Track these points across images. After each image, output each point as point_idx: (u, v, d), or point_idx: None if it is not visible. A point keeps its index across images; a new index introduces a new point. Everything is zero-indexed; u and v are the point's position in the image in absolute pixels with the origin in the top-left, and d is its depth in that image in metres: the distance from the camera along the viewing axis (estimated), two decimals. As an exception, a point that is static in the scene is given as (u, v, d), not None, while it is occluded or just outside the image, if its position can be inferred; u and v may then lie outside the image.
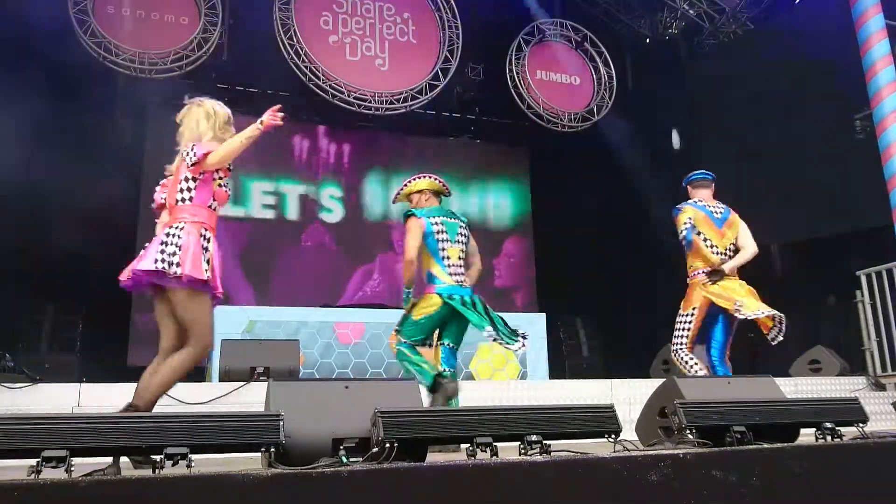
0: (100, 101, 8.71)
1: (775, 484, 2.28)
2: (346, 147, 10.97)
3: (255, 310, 7.35)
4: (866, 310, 6.68)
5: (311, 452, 2.11)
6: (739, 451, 2.37)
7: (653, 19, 11.56)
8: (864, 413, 2.81)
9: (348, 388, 2.42)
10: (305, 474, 1.83)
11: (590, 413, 2.43)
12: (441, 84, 10.10)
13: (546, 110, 10.76)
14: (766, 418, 2.66)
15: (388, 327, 7.24)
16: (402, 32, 10.30)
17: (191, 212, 3.13)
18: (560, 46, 11.29)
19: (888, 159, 7.27)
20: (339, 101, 9.61)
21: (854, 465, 2.52)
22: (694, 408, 2.56)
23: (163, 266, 2.98)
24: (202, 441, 1.96)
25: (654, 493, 2.10)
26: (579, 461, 2.10)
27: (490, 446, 2.15)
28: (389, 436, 2.06)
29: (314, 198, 10.67)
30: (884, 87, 7.40)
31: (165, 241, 3.04)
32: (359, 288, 10.55)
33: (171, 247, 3.02)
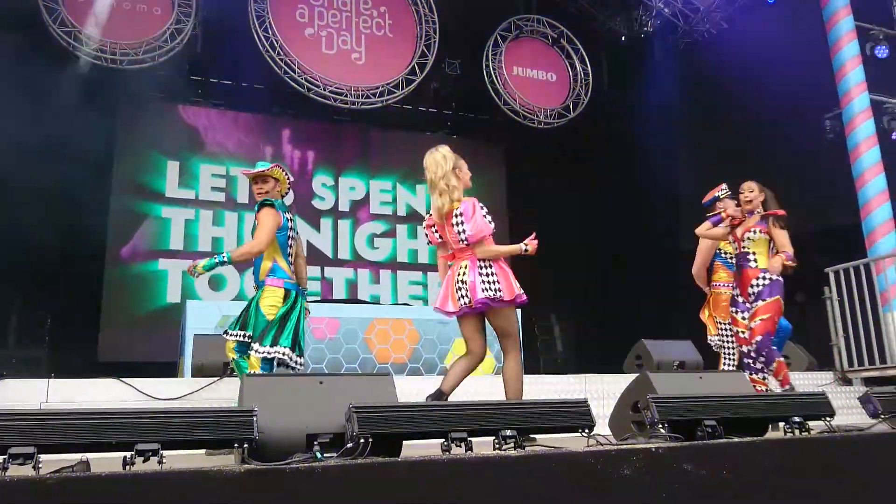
0: (69, 93, 8.56)
1: (745, 477, 2.31)
2: (321, 141, 10.90)
3: (229, 304, 7.29)
4: (834, 306, 6.80)
5: (285, 448, 2.10)
6: (710, 445, 2.40)
7: (628, 17, 11.64)
8: (831, 407, 2.85)
9: (322, 384, 2.41)
10: (279, 470, 1.81)
11: (564, 408, 2.44)
12: (418, 79, 10.09)
13: (522, 106, 10.80)
14: (737, 413, 2.70)
15: (362, 322, 7.25)
16: (378, 26, 10.26)
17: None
18: (536, 43, 11.32)
19: (857, 159, 7.42)
20: (314, 95, 9.55)
21: (822, 459, 2.56)
22: (666, 403, 2.59)
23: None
24: (174, 437, 1.94)
25: (627, 486, 2.12)
26: (553, 455, 2.12)
27: (465, 441, 2.15)
28: (364, 431, 2.05)
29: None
30: (853, 88, 7.54)
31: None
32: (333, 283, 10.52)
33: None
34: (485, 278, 3.57)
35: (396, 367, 7.22)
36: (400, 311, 8.02)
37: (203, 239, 9.94)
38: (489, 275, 3.58)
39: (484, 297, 3.52)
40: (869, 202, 7.22)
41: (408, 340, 7.42)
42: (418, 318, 7.66)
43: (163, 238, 9.72)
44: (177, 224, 9.82)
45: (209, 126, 10.36)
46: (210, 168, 10.19)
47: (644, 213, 9.93)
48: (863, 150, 7.39)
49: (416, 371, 7.33)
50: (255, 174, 4.11)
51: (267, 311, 3.84)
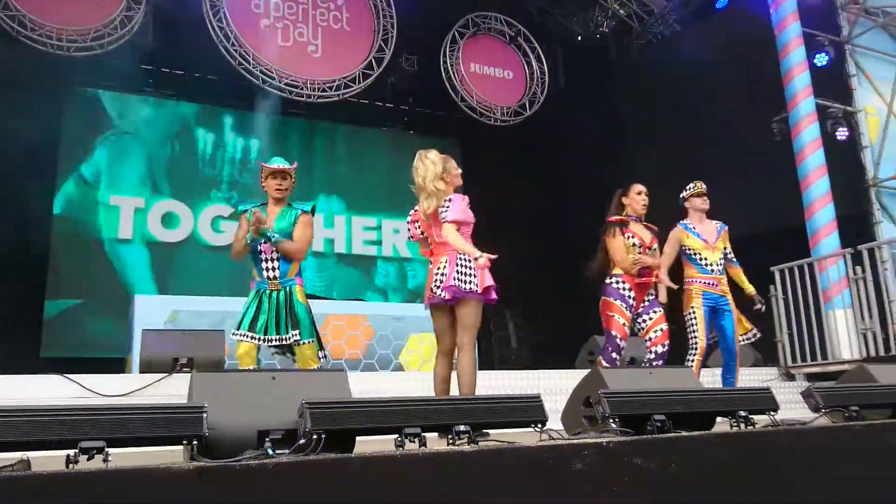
0: (13, 80, 8.26)
1: (692, 470, 2.36)
2: (275, 134, 10.75)
3: (179, 299, 7.14)
4: (779, 304, 7.01)
5: (235, 445, 2.06)
6: (659, 438, 2.45)
7: (585, 17, 11.76)
8: (775, 402, 2.93)
9: (275, 380, 2.38)
10: (229, 467, 1.78)
11: (517, 403, 2.46)
12: (375, 73, 10.02)
13: (479, 103, 10.82)
14: (685, 407, 2.75)
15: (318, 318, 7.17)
16: (335, 19, 10.16)
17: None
18: (494, 40, 11.36)
19: (802, 161, 7.64)
20: (269, 87, 9.40)
21: (765, 451, 2.63)
22: (617, 397, 2.63)
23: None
24: (120, 434, 1.89)
25: (579, 480, 2.15)
26: (506, 450, 2.13)
27: (418, 437, 2.15)
28: (317, 427, 2.03)
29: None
30: (799, 92, 7.76)
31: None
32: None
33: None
34: (462, 270, 3.75)
35: (351, 363, 7.18)
36: (355, 306, 7.98)
37: (153, 229, 9.74)
38: (467, 270, 3.77)
39: (455, 284, 3.69)
40: (813, 203, 7.44)
41: (363, 336, 7.39)
42: (373, 313, 7.63)
43: (110, 228, 9.48)
44: (125, 214, 9.60)
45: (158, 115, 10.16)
46: (157, 157, 10.00)
47: (598, 211, 10.02)
48: (808, 153, 7.61)
49: (371, 367, 7.31)
50: (279, 170, 4.02)
51: (306, 303, 4.01)
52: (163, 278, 9.60)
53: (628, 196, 4.66)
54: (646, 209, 4.65)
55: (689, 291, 4.86)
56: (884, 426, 3.02)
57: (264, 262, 3.96)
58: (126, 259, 9.47)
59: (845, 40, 8.40)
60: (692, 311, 4.80)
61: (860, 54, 8.51)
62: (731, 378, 4.87)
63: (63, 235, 9.13)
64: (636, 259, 4.49)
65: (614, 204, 4.68)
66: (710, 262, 4.87)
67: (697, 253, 4.88)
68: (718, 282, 4.86)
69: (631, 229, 4.59)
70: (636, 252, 4.52)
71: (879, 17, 8.77)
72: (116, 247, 9.45)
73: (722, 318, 4.86)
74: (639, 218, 4.66)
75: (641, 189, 4.66)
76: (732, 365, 4.88)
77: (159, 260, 9.70)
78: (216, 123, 10.55)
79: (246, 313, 3.90)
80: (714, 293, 4.83)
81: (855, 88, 8.34)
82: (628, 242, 4.54)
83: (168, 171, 10.04)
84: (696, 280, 4.85)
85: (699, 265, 4.86)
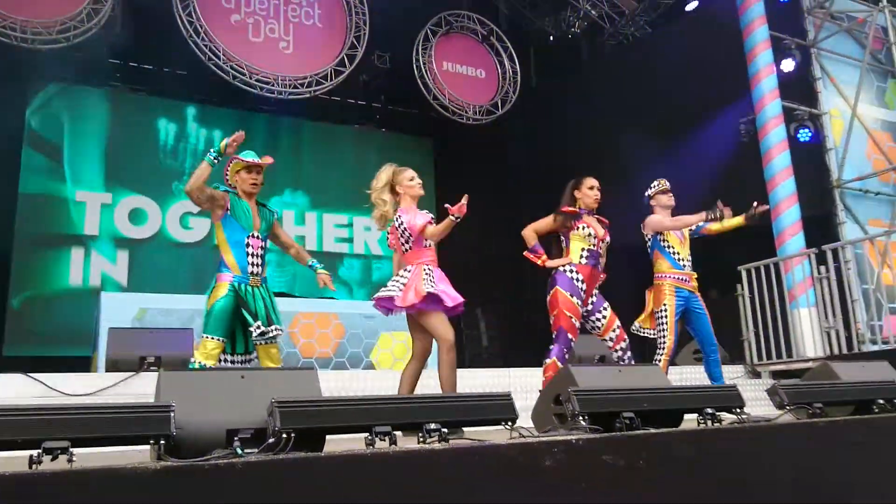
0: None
1: (660, 466, 2.39)
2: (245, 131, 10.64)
3: (147, 297, 7.03)
4: (745, 302, 7.12)
5: (203, 444, 2.04)
6: (628, 436, 2.47)
7: (557, 18, 11.84)
8: (741, 399, 2.98)
9: (244, 378, 2.35)
10: (197, 467, 1.76)
11: (487, 401, 2.47)
12: (347, 70, 9.97)
13: (451, 102, 10.83)
14: (654, 405, 2.78)
15: (286, 316, 7.12)
16: (307, 15, 10.09)
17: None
18: (467, 39, 11.37)
19: (768, 162, 7.77)
20: (240, 83, 9.30)
21: (732, 448, 2.68)
22: (586, 395, 2.64)
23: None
24: (85, 434, 1.86)
25: (548, 477, 2.16)
26: (476, 448, 2.13)
27: (389, 435, 2.14)
28: (286, 426, 2.02)
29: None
30: (766, 94, 7.89)
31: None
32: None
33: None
34: (393, 285, 3.92)
35: (321, 362, 7.14)
36: (325, 304, 7.93)
37: (120, 225, 9.58)
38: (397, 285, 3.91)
39: (375, 298, 3.99)
40: (779, 204, 7.57)
41: (333, 335, 7.35)
42: (344, 312, 7.60)
43: (76, 224, 9.31)
44: (91, 210, 9.43)
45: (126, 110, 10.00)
46: (125, 152, 9.85)
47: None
48: (774, 154, 7.75)
49: (342, 365, 7.27)
50: (256, 164, 3.99)
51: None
52: (130, 275, 9.45)
53: (580, 190, 4.55)
54: (597, 203, 4.55)
55: (661, 287, 4.83)
56: (846, 423, 3.09)
57: (250, 257, 3.87)
58: (91, 256, 9.30)
59: (811, 44, 8.56)
60: (664, 308, 4.77)
61: (825, 58, 8.68)
62: (719, 371, 4.84)
63: (27, 232, 8.95)
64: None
65: (566, 195, 4.57)
66: (682, 257, 4.88)
67: (672, 247, 4.88)
68: (689, 277, 4.86)
69: (584, 221, 4.50)
70: (591, 243, 4.45)
71: (844, 22, 8.95)
72: (81, 243, 9.28)
73: (695, 317, 4.84)
74: (591, 211, 4.58)
75: (594, 183, 4.56)
76: (716, 357, 4.85)
77: (126, 257, 9.54)
78: (184, 118, 10.41)
79: (224, 310, 3.75)
80: (686, 289, 4.82)
81: (820, 91, 8.50)
82: (583, 233, 4.45)
83: (136, 167, 9.88)
84: (669, 276, 4.83)
85: (672, 259, 4.85)
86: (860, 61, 8.72)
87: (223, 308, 3.74)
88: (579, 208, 4.53)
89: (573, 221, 4.47)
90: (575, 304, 4.35)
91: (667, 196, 4.99)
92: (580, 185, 4.56)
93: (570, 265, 4.41)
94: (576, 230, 4.46)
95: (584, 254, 4.44)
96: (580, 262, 4.42)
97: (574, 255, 4.43)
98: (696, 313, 4.85)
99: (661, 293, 4.83)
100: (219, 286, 3.81)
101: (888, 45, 8.74)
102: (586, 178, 4.58)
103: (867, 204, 8.37)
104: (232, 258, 3.84)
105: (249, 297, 3.79)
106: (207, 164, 3.79)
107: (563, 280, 4.39)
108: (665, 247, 4.89)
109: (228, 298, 3.76)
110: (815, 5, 8.71)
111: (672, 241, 4.89)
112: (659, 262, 4.91)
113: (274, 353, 3.89)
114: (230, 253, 3.85)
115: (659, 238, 4.91)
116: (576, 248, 4.45)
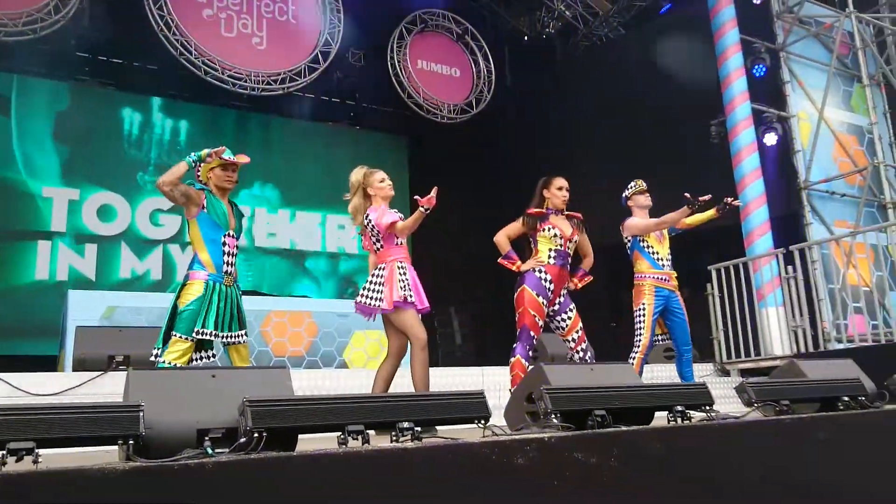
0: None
1: (631, 464, 2.41)
2: (218, 126, 10.53)
3: (115, 294, 6.91)
4: (715, 302, 7.21)
5: (173, 444, 2.01)
6: (599, 433, 2.49)
7: (531, 18, 11.89)
8: (710, 397, 3.02)
9: (215, 377, 2.32)
10: (167, 467, 1.74)
11: (460, 400, 2.47)
12: (321, 67, 9.91)
13: (426, 100, 10.82)
14: (625, 403, 2.81)
15: (258, 314, 7.06)
16: (281, 11, 10.01)
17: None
18: (442, 38, 11.38)
19: (738, 163, 7.88)
20: (212, 79, 9.20)
21: (701, 444, 2.71)
22: (558, 393, 2.66)
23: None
24: (51, 434, 1.82)
25: (521, 475, 2.17)
26: (449, 446, 2.14)
27: (361, 434, 2.14)
28: (258, 425, 2.00)
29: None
30: (737, 97, 8.01)
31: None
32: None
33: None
34: (371, 287, 4.02)
35: (294, 361, 7.09)
36: (298, 303, 7.88)
37: (88, 222, 9.43)
38: (375, 287, 4.02)
39: (360, 301, 4.04)
40: (748, 205, 7.69)
41: (306, 333, 7.30)
42: (317, 310, 7.55)
43: (42, 220, 9.13)
44: (59, 206, 9.26)
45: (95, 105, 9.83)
46: (96, 148, 9.68)
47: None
48: (743, 156, 7.86)
49: (315, 364, 7.23)
50: (234, 162, 3.88)
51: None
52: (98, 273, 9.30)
53: (549, 190, 4.55)
54: (565, 204, 4.56)
55: (641, 287, 4.84)
56: (812, 419, 3.15)
57: (226, 256, 3.78)
58: (58, 250, 9.13)
59: (780, 48, 8.70)
60: (643, 306, 4.78)
61: (794, 62, 8.82)
62: (690, 371, 4.87)
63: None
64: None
65: (536, 195, 4.59)
66: (661, 256, 4.89)
67: (651, 246, 4.89)
68: (669, 277, 4.88)
69: (551, 221, 4.51)
70: (558, 243, 4.47)
71: (812, 27, 9.11)
72: (47, 239, 9.11)
73: (673, 317, 4.86)
74: (559, 211, 4.57)
75: (563, 184, 4.56)
76: (689, 357, 4.88)
77: (94, 251, 9.38)
78: (153, 112, 10.26)
79: (203, 308, 3.64)
80: (666, 288, 4.83)
81: (789, 95, 8.64)
82: (549, 234, 4.46)
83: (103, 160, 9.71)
84: (648, 276, 4.84)
85: (651, 259, 4.87)
86: (827, 65, 8.88)
87: (197, 310, 3.66)
88: (547, 208, 4.55)
89: (540, 223, 4.50)
90: (540, 303, 4.38)
91: (644, 196, 5.01)
92: (549, 185, 4.57)
93: (539, 265, 4.44)
94: (542, 231, 4.48)
95: (552, 254, 4.46)
96: (548, 263, 4.45)
97: (542, 255, 4.46)
98: (674, 313, 4.88)
99: (640, 293, 4.85)
100: (192, 284, 3.69)
101: (854, 51, 8.93)
102: (555, 178, 4.59)
103: (833, 205, 8.53)
104: (207, 256, 3.73)
105: (222, 297, 3.73)
106: (186, 164, 3.70)
107: (531, 279, 4.42)
108: (644, 247, 4.91)
109: (202, 299, 3.68)
110: (785, 10, 8.85)
111: (651, 241, 4.91)
112: (639, 263, 4.93)
113: (244, 353, 3.83)
114: (205, 250, 3.73)
115: (638, 238, 4.93)
116: (543, 249, 4.48)
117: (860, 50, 8.69)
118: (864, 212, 8.50)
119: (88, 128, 9.62)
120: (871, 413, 3.37)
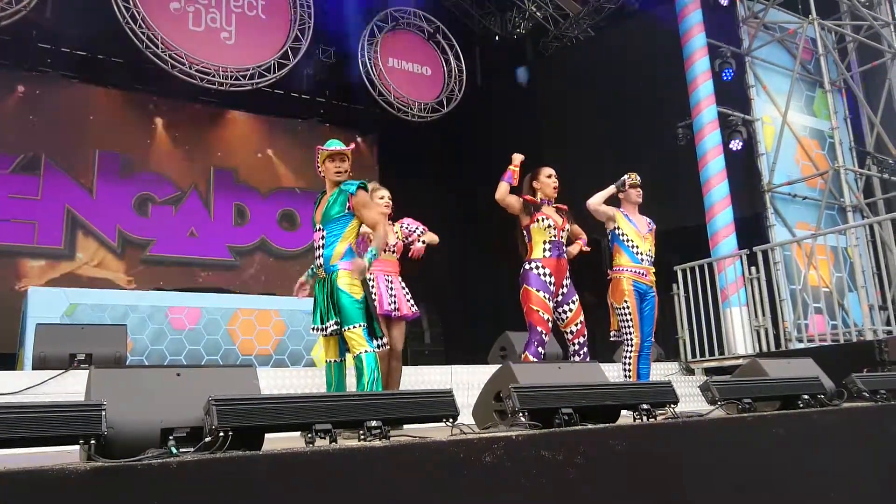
0: None
1: (597, 461, 2.44)
2: (186, 122, 10.38)
3: (78, 292, 6.77)
4: (681, 302, 7.32)
5: (137, 444, 1.98)
6: (566, 431, 2.51)
7: (503, 18, 11.94)
8: (675, 395, 3.06)
9: (180, 376, 2.29)
10: (130, 467, 1.71)
11: (429, 398, 2.47)
12: (290, 63, 9.82)
13: (397, 98, 10.79)
14: (592, 401, 2.83)
15: (225, 312, 6.98)
16: (250, 6, 9.89)
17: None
18: (413, 36, 11.35)
19: (704, 165, 8.00)
20: (179, 73, 9.05)
21: (666, 442, 2.75)
22: (526, 392, 2.67)
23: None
24: (9, 434, 1.78)
25: (488, 473, 2.18)
26: (417, 445, 2.14)
27: (329, 433, 2.12)
28: (223, 424, 1.97)
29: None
30: (703, 100, 8.13)
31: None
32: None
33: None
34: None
35: (261, 359, 7.03)
36: (266, 301, 7.80)
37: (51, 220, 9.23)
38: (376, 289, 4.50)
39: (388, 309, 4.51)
40: (713, 206, 7.81)
41: (273, 331, 7.24)
42: (285, 308, 7.48)
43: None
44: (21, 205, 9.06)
45: (62, 99, 9.63)
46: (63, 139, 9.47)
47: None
48: (709, 158, 7.98)
49: (282, 363, 7.17)
50: (338, 152, 3.93)
51: (346, 288, 3.69)
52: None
53: (538, 180, 4.62)
54: (556, 192, 4.64)
55: (619, 281, 4.85)
56: (773, 417, 3.22)
57: (316, 251, 3.83)
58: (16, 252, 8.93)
59: (745, 52, 8.85)
60: (625, 305, 4.78)
61: (759, 66, 8.99)
62: (647, 367, 4.89)
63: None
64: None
65: (526, 189, 4.64)
66: (641, 251, 4.89)
67: (630, 239, 4.90)
68: (647, 272, 4.90)
69: (544, 212, 4.57)
70: (551, 234, 4.53)
71: (777, 32, 9.29)
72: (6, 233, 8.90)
73: (646, 309, 4.89)
74: (550, 201, 4.64)
75: (551, 172, 4.64)
76: (647, 354, 4.89)
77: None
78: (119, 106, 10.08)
79: (312, 306, 3.88)
80: (644, 283, 4.86)
81: (753, 98, 8.79)
82: (542, 224, 4.53)
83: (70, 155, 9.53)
84: (627, 269, 4.85)
85: (630, 252, 4.88)
86: (791, 71, 9.06)
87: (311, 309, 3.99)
88: (540, 199, 4.61)
89: (533, 213, 4.54)
90: (543, 299, 4.44)
91: (636, 192, 5.02)
92: (538, 176, 4.65)
93: (536, 261, 4.51)
94: (535, 223, 4.54)
95: (547, 246, 4.53)
96: (545, 256, 4.51)
97: (537, 249, 4.53)
98: (646, 305, 4.90)
99: (618, 287, 4.86)
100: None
101: (817, 56, 9.11)
102: (542, 168, 4.68)
103: (795, 208, 8.71)
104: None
105: (318, 290, 3.85)
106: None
107: (532, 278, 4.49)
108: (624, 240, 4.92)
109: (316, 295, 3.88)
110: (750, 15, 9.01)
111: (631, 235, 4.92)
112: (618, 256, 4.94)
113: (353, 341, 3.72)
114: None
115: (618, 232, 4.95)
116: (538, 242, 4.54)
117: (822, 56, 8.89)
118: (825, 214, 8.70)
119: (51, 119, 9.42)
120: (830, 411, 3.45)
